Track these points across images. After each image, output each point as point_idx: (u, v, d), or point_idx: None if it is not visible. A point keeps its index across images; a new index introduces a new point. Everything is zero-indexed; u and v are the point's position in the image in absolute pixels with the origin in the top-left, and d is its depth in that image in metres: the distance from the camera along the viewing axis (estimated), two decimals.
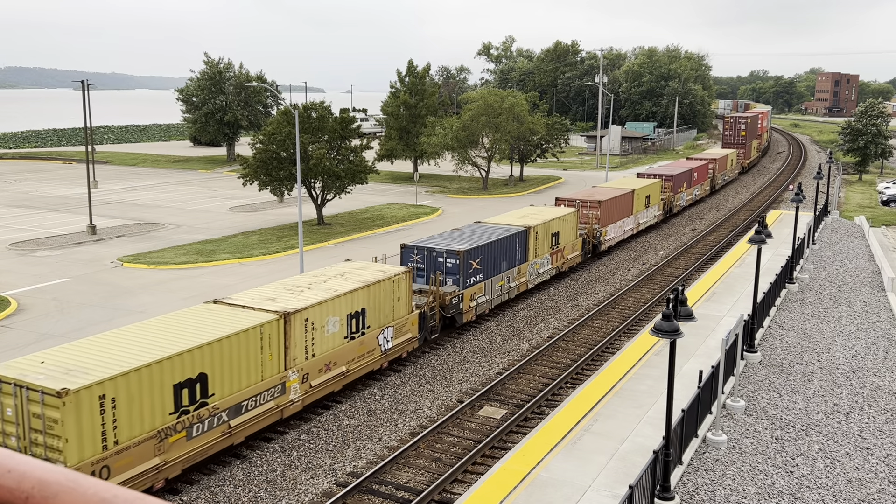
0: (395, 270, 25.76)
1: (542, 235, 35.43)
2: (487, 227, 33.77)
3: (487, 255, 30.85)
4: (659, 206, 52.87)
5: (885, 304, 32.59)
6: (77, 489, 1.32)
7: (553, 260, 36.85)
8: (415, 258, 29.79)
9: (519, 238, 33.37)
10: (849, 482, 17.45)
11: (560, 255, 37.55)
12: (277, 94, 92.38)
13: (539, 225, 35.04)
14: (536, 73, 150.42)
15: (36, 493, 1.32)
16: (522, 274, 33.89)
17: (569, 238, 38.51)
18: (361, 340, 23.76)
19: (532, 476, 16.66)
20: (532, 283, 34.82)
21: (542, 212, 38.06)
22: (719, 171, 71.88)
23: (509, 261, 32.73)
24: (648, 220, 50.49)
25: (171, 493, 18.10)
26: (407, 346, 26.28)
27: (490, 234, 32.06)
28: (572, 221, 38.79)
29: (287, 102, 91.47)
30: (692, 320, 15.64)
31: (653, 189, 50.85)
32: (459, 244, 30.08)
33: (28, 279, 36.65)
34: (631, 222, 47.02)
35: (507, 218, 36.36)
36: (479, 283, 30.34)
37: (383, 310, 24.73)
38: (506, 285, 32.61)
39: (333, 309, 22.41)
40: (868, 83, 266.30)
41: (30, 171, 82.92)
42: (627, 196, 45.93)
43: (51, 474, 1.34)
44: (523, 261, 33.92)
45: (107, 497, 1.31)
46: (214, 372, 18.49)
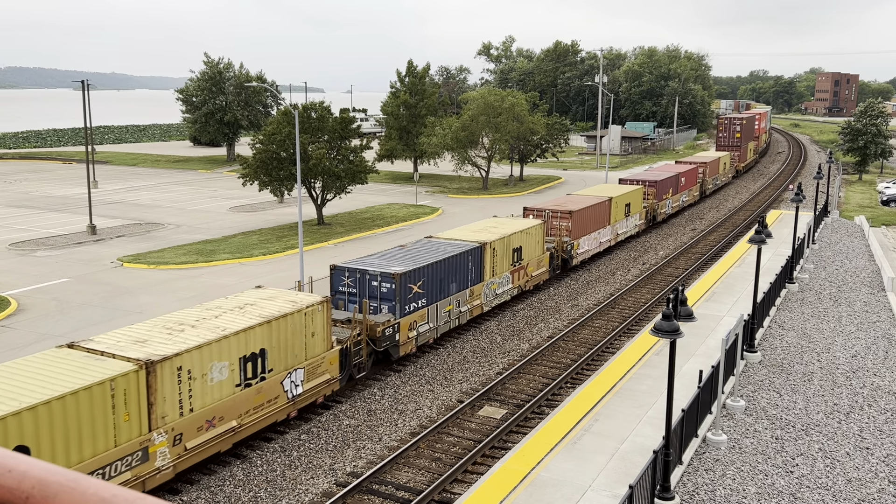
0: (308, 301, 21.82)
1: (502, 251, 32.12)
2: (437, 244, 30.34)
3: (432, 276, 27.37)
4: (641, 215, 49.13)
5: (885, 304, 32.59)
6: (77, 489, 1.32)
7: (515, 278, 33.32)
8: (346, 282, 26.29)
9: (472, 256, 29.96)
10: (849, 482, 17.45)
11: (523, 273, 34.05)
12: (277, 94, 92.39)
13: (497, 240, 31.69)
14: (536, 73, 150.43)
15: (36, 493, 1.32)
16: (476, 296, 30.22)
17: (534, 253, 35.01)
18: (260, 388, 19.97)
19: (532, 476, 16.66)
20: (488, 305, 31.35)
21: (503, 224, 34.69)
22: (710, 175, 68.02)
23: (460, 282, 29.24)
24: (629, 230, 47.03)
25: (171, 494, 18.10)
26: (324, 390, 22.40)
27: (438, 252, 28.69)
28: (538, 235, 35.44)
29: (287, 102, 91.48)
30: (692, 320, 15.65)
31: (634, 196, 47.33)
32: (397, 265, 26.54)
33: (28, 279, 36.65)
34: (608, 233, 43.48)
35: (462, 232, 32.85)
36: (420, 310, 26.69)
37: (291, 349, 20.96)
38: (455, 310, 28.90)
39: (220, 352, 18.67)
40: (868, 83, 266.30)
41: (30, 171, 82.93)
42: (603, 205, 42.41)
43: (51, 474, 1.35)
44: (477, 281, 30.38)
45: (106, 497, 1.31)
46: (41, 443, 14.94)
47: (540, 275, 35.86)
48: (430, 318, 27.49)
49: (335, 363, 22.80)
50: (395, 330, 25.43)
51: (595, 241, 41.70)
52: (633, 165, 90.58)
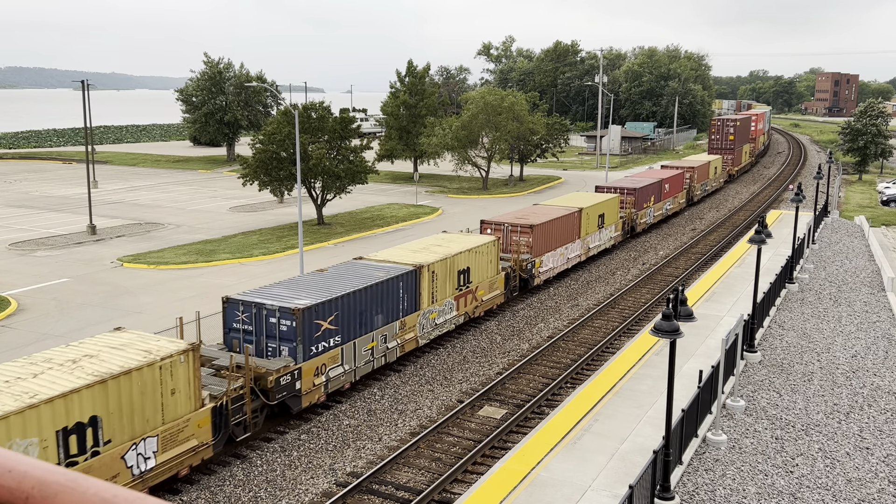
0: (167, 350, 17.49)
1: (444, 274, 28.15)
2: (364, 267, 26.36)
3: (349, 308, 23.27)
4: (617, 226, 45.15)
5: (885, 304, 32.59)
6: (77, 489, 1.32)
7: (460, 305, 29.44)
8: (240, 317, 22.07)
9: (404, 281, 25.86)
10: (849, 482, 17.45)
11: (471, 298, 30.17)
12: (277, 94, 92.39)
13: (438, 262, 27.74)
14: (536, 73, 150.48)
15: (36, 493, 1.32)
16: (409, 329, 26.27)
17: (485, 274, 31.07)
18: (90, 465, 15.82)
19: (532, 476, 16.67)
20: (425, 338, 27.41)
21: (450, 242, 30.89)
22: (698, 180, 63.88)
23: (388, 312, 25.20)
24: (602, 242, 43.05)
25: (171, 494, 18.10)
26: (189, 459, 18.10)
27: (361, 279, 24.72)
28: (491, 253, 31.45)
29: (287, 102, 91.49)
30: (692, 320, 15.65)
31: (608, 206, 43.46)
32: (302, 297, 22.35)
33: (28, 279, 36.65)
34: (577, 248, 39.57)
35: (399, 253, 28.91)
36: (332, 350, 22.62)
37: (140, 412, 16.76)
38: (380, 347, 24.86)
39: (25, 426, 14.53)
40: (868, 83, 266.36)
41: (30, 171, 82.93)
42: (571, 217, 38.56)
43: (51, 474, 1.35)
44: (411, 310, 26.31)
45: (107, 497, 1.31)
46: None
47: (493, 298, 31.77)
48: (346, 360, 23.22)
49: (206, 425, 18.41)
50: (294, 377, 21.09)
51: (561, 258, 37.84)
52: (633, 165, 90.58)
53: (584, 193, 46.15)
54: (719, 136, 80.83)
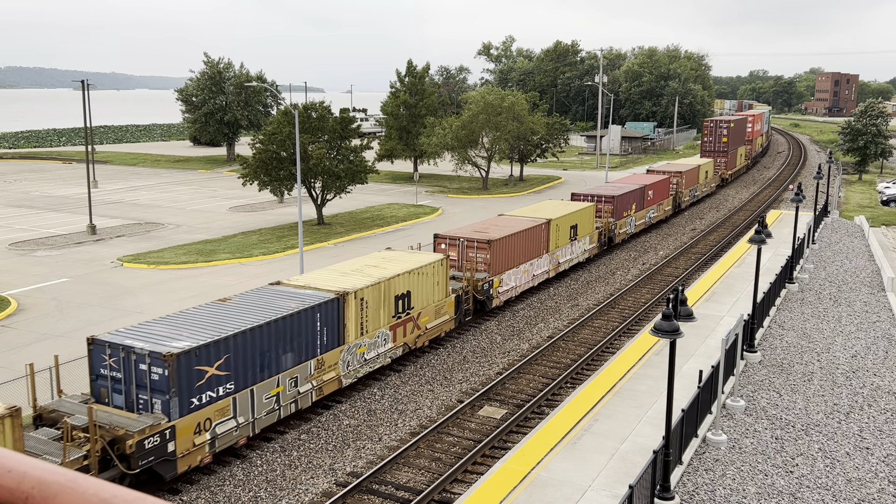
0: None
1: (377, 301, 24.45)
2: (278, 296, 22.53)
3: (246, 348, 19.61)
4: (592, 238, 41.61)
5: (885, 304, 32.60)
6: (77, 489, 1.32)
7: (398, 335, 25.65)
8: (108, 362, 18.39)
9: (324, 312, 22.17)
10: (849, 482, 17.45)
11: (412, 326, 26.40)
12: (277, 94, 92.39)
13: (369, 287, 23.96)
14: (536, 73, 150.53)
15: (36, 493, 1.32)
16: (329, 367, 22.50)
17: (431, 298, 27.47)
18: None
19: (532, 476, 16.67)
20: (352, 376, 23.56)
21: (391, 262, 27.20)
22: (687, 185, 59.81)
23: (302, 350, 21.51)
24: (575, 256, 39.60)
25: (171, 493, 18.11)
26: None
27: (268, 310, 21.03)
28: (438, 273, 27.84)
29: (287, 102, 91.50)
30: (692, 320, 15.65)
31: (582, 216, 40.00)
32: (182, 338, 18.60)
33: (28, 279, 36.65)
34: (544, 263, 36.11)
35: (325, 276, 24.97)
36: (221, 400, 18.94)
37: None
38: (288, 392, 21.06)
39: None
40: (868, 83, 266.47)
41: (30, 171, 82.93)
42: (538, 229, 35.28)
43: (51, 474, 1.35)
44: (333, 345, 22.63)
45: (106, 497, 1.31)
46: None
47: (441, 325, 28.23)
48: (240, 411, 19.53)
49: None
50: (165, 438, 17.47)
51: (525, 275, 34.47)
52: (633, 165, 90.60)
53: (556, 202, 42.20)
54: (712, 138, 77.68)
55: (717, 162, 74.09)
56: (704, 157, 75.25)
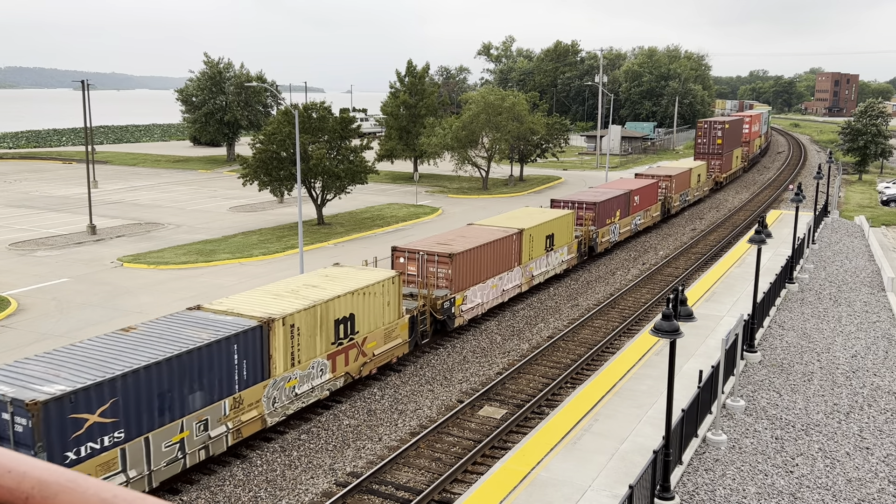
0: None
1: (311, 327, 21.55)
2: (191, 324, 19.57)
3: (140, 389, 16.73)
4: (571, 248, 39.02)
5: (885, 304, 32.60)
6: (77, 489, 1.32)
7: (339, 364, 22.79)
8: None
9: (244, 342, 19.33)
10: (849, 482, 17.45)
11: (356, 354, 23.55)
12: (277, 94, 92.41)
13: (302, 311, 21.15)
14: (536, 73, 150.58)
15: (36, 493, 1.32)
16: (249, 406, 19.61)
17: (380, 320, 24.65)
18: None
19: (532, 476, 16.67)
20: (279, 414, 20.66)
21: (333, 280, 24.33)
22: (677, 190, 57.12)
23: (214, 387, 18.60)
24: (552, 267, 37.00)
25: (171, 493, 18.11)
26: None
27: (175, 342, 18.11)
28: (388, 293, 24.96)
29: (287, 102, 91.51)
30: (692, 320, 15.65)
31: (560, 224, 37.45)
32: (58, 380, 15.76)
33: (28, 279, 36.66)
34: (516, 277, 33.56)
35: (254, 298, 22.17)
36: (106, 452, 16.11)
37: None
38: (196, 437, 18.19)
39: None
40: (868, 83, 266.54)
41: (30, 171, 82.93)
42: (508, 240, 32.70)
43: (51, 474, 1.35)
44: (256, 380, 19.76)
45: (107, 497, 1.31)
46: None
47: (392, 350, 25.39)
48: (132, 463, 16.67)
49: None
50: None
51: (494, 291, 31.85)
52: (633, 165, 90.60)
53: (532, 210, 39.77)
54: (706, 140, 74.97)
55: (712, 164, 72.67)
56: (698, 159, 72.66)
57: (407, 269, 29.13)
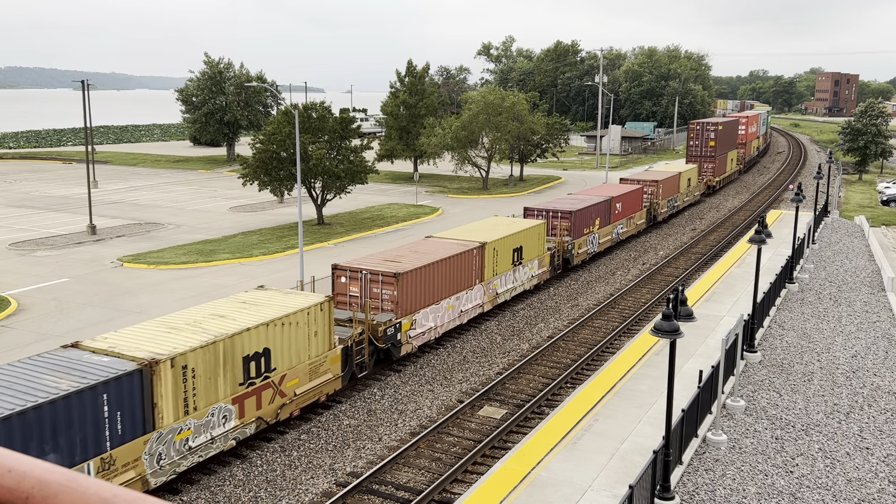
0: None
1: (211, 367, 18.35)
2: (58, 366, 16.58)
3: None
4: (542, 261, 35.97)
5: (885, 304, 32.60)
6: (77, 489, 1.32)
7: (249, 407, 19.57)
8: None
9: (116, 391, 16.26)
10: (849, 482, 17.45)
11: (271, 395, 20.26)
12: (277, 94, 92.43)
13: (198, 349, 17.96)
14: (536, 73, 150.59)
15: (36, 493, 1.32)
16: (125, 466, 16.57)
17: (305, 353, 21.34)
18: None
19: (532, 476, 16.67)
20: (168, 472, 17.53)
21: (250, 307, 21.03)
22: (665, 195, 54.15)
23: (76, 447, 15.65)
24: (520, 284, 34.07)
25: (171, 493, 18.11)
26: None
27: (23, 394, 15.15)
28: (316, 322, 21.67)
29: (287, 102, 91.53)
30: (692, 320, 15.65)
31: (529, 236, 34.58)
32: None
33: (28, 279, 36.66)
34: (477, 296, 30.51)
35: (145, 333, 18.80)
36: None
37: None
38: None
39: None
40: (868, 83, 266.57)
41: (30, 171, 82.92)
42: (468, 255, 29.72)
43: (51, 474, 1.35)
44: (136, 434, 16.80)
45: (107, 497, 1.31)
46: None
47: (319, 387, 22.07)
48: None
49: None
50: None
51: (450, 313, 28.76)
52: (633, 165, 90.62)
53: (500, 220, 36.46)
54: (698, 142, 71.80)
55: (704, 168, 70.02)
56: (691, 162, 69.94)
57: (349, 289, 26.03)
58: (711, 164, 70.64)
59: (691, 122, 75.24)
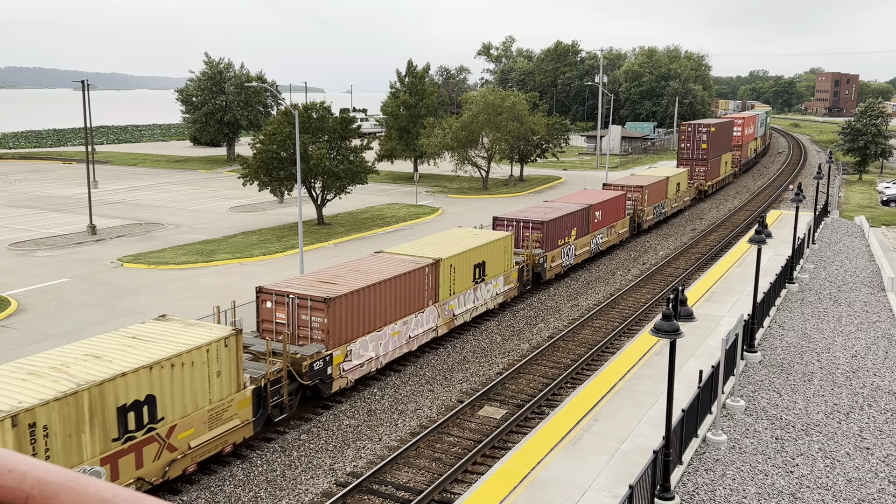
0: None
1: (72, 422, 15.31)
2: None
3: None
4: (509, 277, 32.93)
5: (885, 304, 32.60)
6: (77, 489, 1.32)
7: (125, 467, 16.48)
8: None
9: None
10: (849, 482, 17.45)
11: (157, 450, 17.13)
12: (277, 94, 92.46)
13: (52, 402, 14.86)
14: (536, 74, 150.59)
15: (36, 493, 1.32)
16: None
17: (204, 398, 18.21)
18: None
19: (532, 476, 16.67)
20: None
21: (140, 343, 17.76)
22: (651, 201, 51.14)
23: None
24: (483, 302, 30.96)
25: (172, 493, 18.11)
26: None
27: None
28: (220, 359, 18.49)
29: (287, 102, 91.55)
30: (692, 320, 15.65)
31: (493, 250, 31.51)
32: None
33: (28, 279, 36.65)
34: (429, 318, 27.15)
35: None
36: None
37: None
38: None
39: None
40: (868, 83, 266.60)
41: (30, 171, 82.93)
42: (419, 274, 26.42)
43: (51, 474, 1.35)
44: None
45: (107, 497, 1.31)
46: None
47: (223, 436, 18.83)
48: None
49: None
50: None
51: (395, 339, 25.46)
52: (633, 165, 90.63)
53: (462, 231, 33.36)
54: (689, 144, 68.32)
55: (696, 171, 67.08)
56: (682, 165, 67.04)
57: (276, 316, 22.88)
58: (703, 168, 67.72)
59: (682, 124, 71.77)
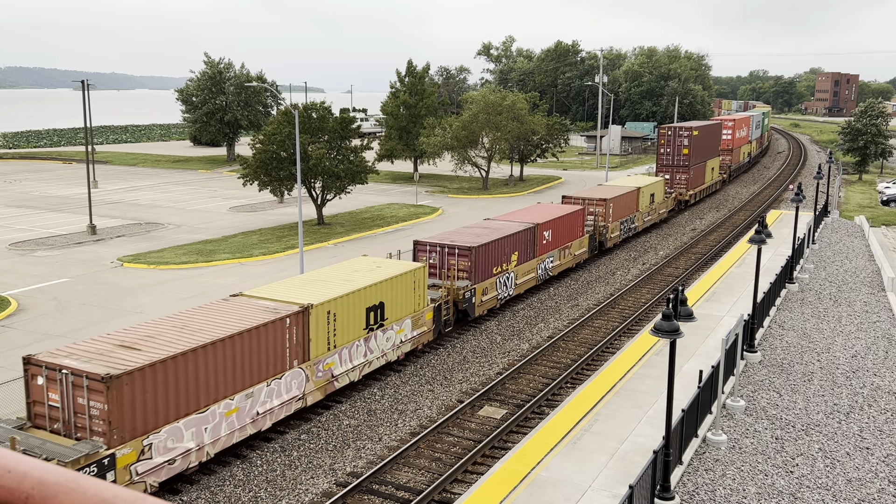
0: None
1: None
2: None
3: None
4: (419, 319, 26.64)
5: (885, 304, 32.59)
6: (77, 489, 1.32)
7: None
8: None
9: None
10: (849, 482, 17.45)
11: None
12: (277, 94, 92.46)
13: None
14: (536, 74, 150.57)
15: (36, 493, 1.32)
16: None
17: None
18: None
19: (532, 476, 16.66)
20: None
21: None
22: (616, 216, 44.72)
23: None
24: (380, 354, 24.83)
25: (172, 493, 18.11)
26: None
27: None
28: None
29: (287, 102, 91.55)
30: (692, 320, 15.65)
31: (396, 287, 25.35)
32: None
33: (28, 279, 36.65)
34: (290, 386, 20.96)
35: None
36: None
37: None
38: None
39: None
40: (868, 83, 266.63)
41: (30, 171, 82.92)
42: (276, 326, 20.27)
43: (51, 474, 1.35)
44: None
45: (107, 497, 1.31)
46: None
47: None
48: None
49: None
50: None
51: (233, 419, 19.07)
52: (633, 165, 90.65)
53: (362, 262, 27.15)
54: (669, 149, 61.18)
55: (677, 179, 60.45)
56: (661, 172, 61.01)
57: (47, 397, 16.83)
58: (685, 175, 60.68)
59: (661, 127, 64.79)
